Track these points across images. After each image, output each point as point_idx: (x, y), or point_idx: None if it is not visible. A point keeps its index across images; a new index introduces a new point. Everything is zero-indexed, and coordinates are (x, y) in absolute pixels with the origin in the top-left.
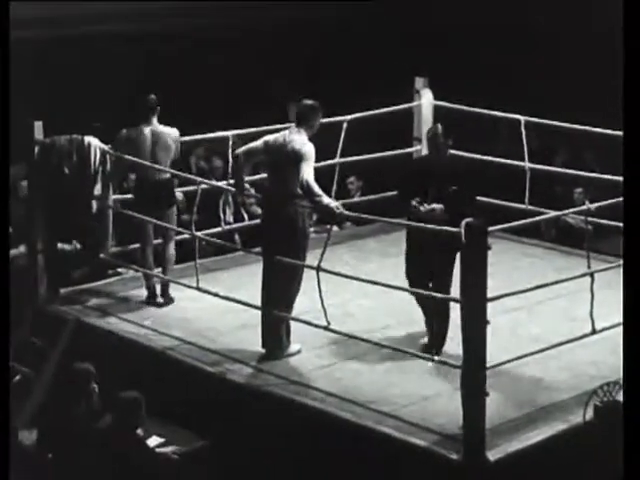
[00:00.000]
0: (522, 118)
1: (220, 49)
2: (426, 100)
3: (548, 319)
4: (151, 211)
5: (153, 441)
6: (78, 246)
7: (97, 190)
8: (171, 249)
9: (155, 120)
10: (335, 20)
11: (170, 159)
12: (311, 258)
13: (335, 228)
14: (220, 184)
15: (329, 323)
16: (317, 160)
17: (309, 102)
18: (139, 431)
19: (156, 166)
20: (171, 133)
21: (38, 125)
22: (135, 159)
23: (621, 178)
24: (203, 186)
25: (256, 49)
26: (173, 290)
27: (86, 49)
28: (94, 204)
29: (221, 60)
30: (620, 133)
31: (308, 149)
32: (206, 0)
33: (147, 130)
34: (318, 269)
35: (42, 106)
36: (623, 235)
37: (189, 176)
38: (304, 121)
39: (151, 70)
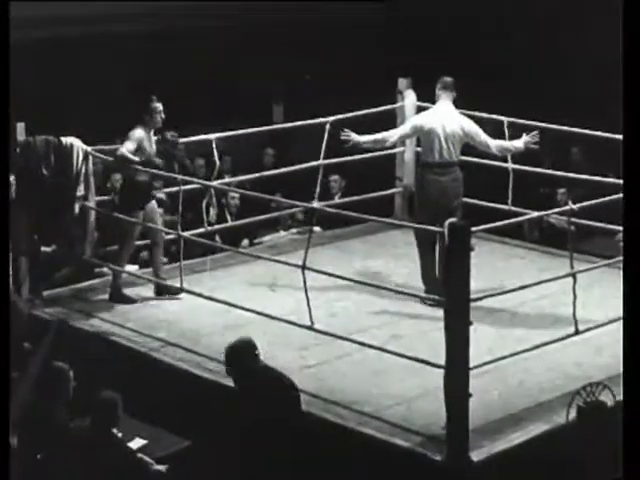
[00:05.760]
0: (505, 119)
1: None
2: (409, 101)
3: (531, 320)
4: (129, 211)
5: (135, 443)
6: (57, 248)
7: (79, 191)
8: (159, 253)
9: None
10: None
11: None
12: (295, 258)
13: (317, 229)
14: (207, 182)
15: (313, 323)
16: (299, 160)
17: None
18: (117, 432)
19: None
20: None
21: (20, 126)
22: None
23: (605, 179)
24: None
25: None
26: None
27: (84, 49)
28: (76, 205)
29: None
30: (606, 134)
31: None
32: (207, 0)
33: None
34: (303, 268)
35: (43, 106)
36: (623, 235)
37: (174, 175)
38: (451, 91)
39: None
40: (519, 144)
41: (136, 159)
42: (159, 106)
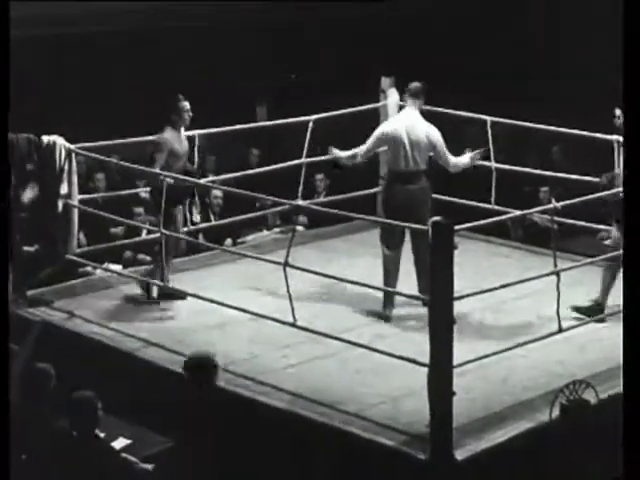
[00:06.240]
0: (488, 118)
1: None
2: (392, 100)
3: (515, 318)
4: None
5: (119, 443)
6: (40, 247)
7: (63, 189)
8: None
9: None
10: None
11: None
12: (277, 257)
13: (301, 228)
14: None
15: (296, 320)
16: (283, 160)
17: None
18: (100, 433)
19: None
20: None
21: None
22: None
23: (588, 178)
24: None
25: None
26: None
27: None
28: (59, 204)
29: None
30: (587, 134)
31: (435, 129)
32: (205, 0)
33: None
34: (285, 265)
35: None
36: (624, 234)
37: (158, 172)
38: (418, 99)
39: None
40: (465, 160)
41: (170, 178)
42: (187, 105)
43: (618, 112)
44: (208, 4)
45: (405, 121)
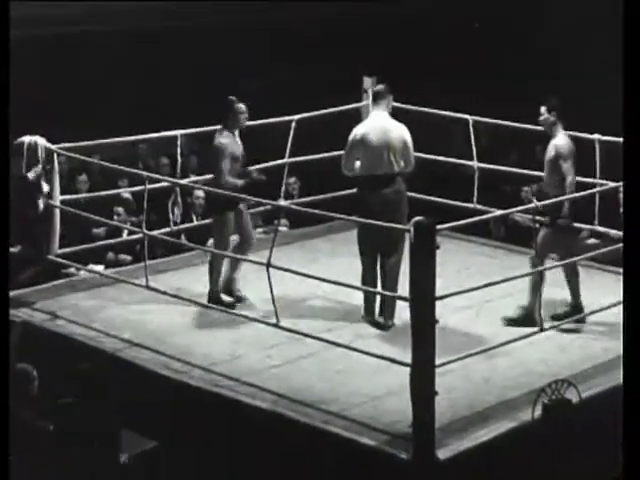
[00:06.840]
0: (470, 118)
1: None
2: None
3: (497, 317)
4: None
5: None
6: (23, 248)
7: (43, 189)
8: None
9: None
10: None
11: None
12: (260, 257)
13: (284, 228)
14: (174, 180)
15: (279, 320)
16: (266, 159)
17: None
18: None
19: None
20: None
21: None
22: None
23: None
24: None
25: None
26: (127, 292)
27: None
28: (40, 204)
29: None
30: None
31: (406, 129)
32: (205, 0)
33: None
34: (268, 266)
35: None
36: (623, 234)
37: (141, 172)
38: (386, 99)
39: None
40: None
41: (240, 182)
42: (242, 107)
43: (543, 109)
44: (202, 4)
45: (376, 124)
